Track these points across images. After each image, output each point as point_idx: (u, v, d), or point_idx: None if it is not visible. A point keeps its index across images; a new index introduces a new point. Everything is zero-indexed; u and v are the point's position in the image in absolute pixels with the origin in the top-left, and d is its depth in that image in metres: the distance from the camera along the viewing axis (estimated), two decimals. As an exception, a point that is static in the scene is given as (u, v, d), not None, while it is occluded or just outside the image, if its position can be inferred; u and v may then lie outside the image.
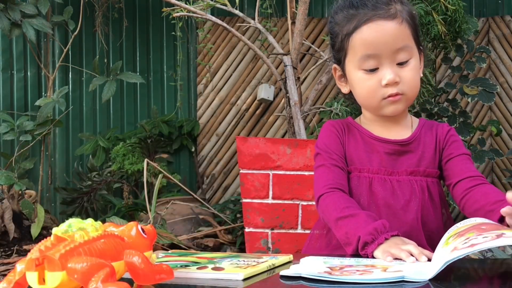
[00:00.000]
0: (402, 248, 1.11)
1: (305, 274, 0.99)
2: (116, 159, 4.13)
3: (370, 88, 1.32)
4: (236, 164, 4.45)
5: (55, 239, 0.86)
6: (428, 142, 1.40)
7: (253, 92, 4.54)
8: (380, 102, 1.33)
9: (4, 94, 4.47)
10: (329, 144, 1.39)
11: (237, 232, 3.44)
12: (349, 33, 1.31)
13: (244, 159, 1.89)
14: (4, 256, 3.47)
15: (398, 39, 1.29)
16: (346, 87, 1.41)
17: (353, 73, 1.34)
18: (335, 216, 1.27)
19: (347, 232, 1.23)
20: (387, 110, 1.34)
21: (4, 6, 3.78)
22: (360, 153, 1.38)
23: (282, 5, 4.14)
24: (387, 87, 1.30)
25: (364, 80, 1.32)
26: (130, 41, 4.57)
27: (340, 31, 1.34)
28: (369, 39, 1.28)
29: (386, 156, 1.37)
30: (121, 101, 4.57)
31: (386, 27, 1.28)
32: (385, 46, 1.28)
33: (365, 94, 1.34)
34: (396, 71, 1.29)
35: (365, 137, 1.39)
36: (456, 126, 3.29)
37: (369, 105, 1.36)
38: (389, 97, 1.31)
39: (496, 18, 4.51)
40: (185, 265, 1.08)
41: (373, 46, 1.28)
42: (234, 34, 2.73)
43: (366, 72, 1.31)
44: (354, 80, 1.35)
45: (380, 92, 1.31)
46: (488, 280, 0.96)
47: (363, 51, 1.29)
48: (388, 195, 1.34)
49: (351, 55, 1.32)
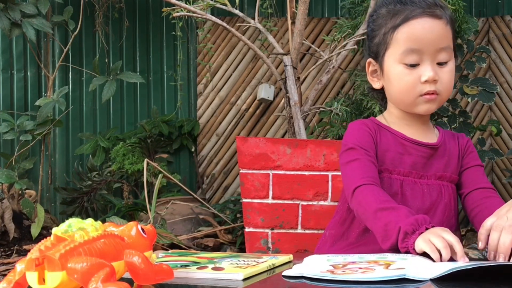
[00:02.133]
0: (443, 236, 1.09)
1: (307, 274, 0.99)
2: (116, 159, 4.13)
3: (408, 83, 1.31)
4: (236, 164, 4.45)
5: (55, 239, 0.86)
6: (452, 149, 1.42)
7: (253, 92, 4.54)
8: (416, 99, 1.33)
9: (4, 94, 4.47)
10: (363, 140, 1.36)
11: (237, 232, 3.44)
12: (395, 26, 1.32)
13: (244, 159, 1.89)
14: (4, 256, 3.47)
15: (442, 39, 1.31)
16: (379, 82, 1.40)
17: (393, 67, 1.33)
18: (376, 207, 1.23)
19: (387, 223, 1.19)
20: (421, 108, 1.34)
21: (4, 6, 3.78)
22: (392, 154, 1.36)
23: (282, 5, 4.14)
24: (426, 84, 1.30)
25: (403, 75, 1.31)
26: (130, 41, 4.57)
27: (385, 24, 1.34)
28: (416, 34, 1.30)
29: (418, 159, 1.37)
30: (121, 101, 4.57)
31: (433, 25, 1.31)
32: (429, 43, 1.30)
33: (402, 89, 1.33)
34: (436, 70, 1.31)
35: (398, 138, 1.38)
36: (456, 126, 3.29)
37: (404, 101, 1.35)
38: (425, 95, 1.31)
39: (496, 18, 4.51)
40: (185, 265, 1.08)
41: (418, 41, 1.30)
42: (234, 34, 2.73)
43: (406, 67, 1.31)
44: (393, 74, 1.34)
45: (418, 88, 1.31)
46: (488, 280, 0.96)
47: (408, 44, 1.30)
48: (417, 198, 1.34)
49: (393, 48, 1.32)
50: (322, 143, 1.99)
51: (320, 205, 1.91)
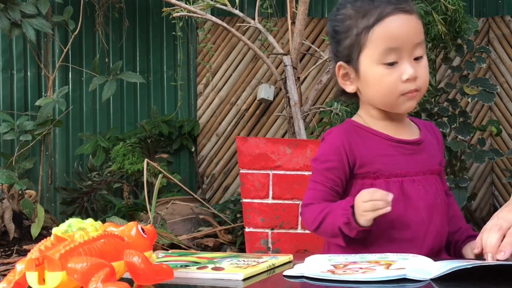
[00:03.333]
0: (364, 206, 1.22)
1: (308, 274, 0.99)
2: (116, 159, 4.13)
3: (390, 83, 1.27)
4: (236, 164, 4.45)
5: (55, 239, 0.86)
6: (431, 141, 1.40)
7: (253, 92, 4.54)
8: (398, 98, 1.29)
9: (4, 94, 4.47)
10: (328, 161, 1.33)
11: (237, 232, 3.44)
12: (368, 26, 1.27)
13: (244, 159, 1.89)
14: (4, 256, 3.47)
15: (418, 34, 1.29)
16: (352, 86, 1.35)
17: (371, 69, 1.29)
18: (313, 228, 1.32)
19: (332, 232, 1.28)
20: (404, 107, 1.31)
21: (4, 6, 3.78)
22: (383, 158, 1.32)
23: (282, 5, 4.14)
24: (407, 83, 1.27)
25: (384, 76, 1.27)
26: (130, 41, 4.57)
27: (355, 25, 1.29)
28: (393, 32, 1.26)
29: (409, 157, 1.34)
30: (121, 101, 4.57)
31: (408, 20, 1.28)
32: (407, 40, 1.26)
33: (384, 90, 1.29)
34: (414, 66, 1.28)
35: (384, 140, 1.34)
36: (456, 126, 3.29)
37: (386, 102, 1.31)
38: (407, 93, 1.28)
39: (496, 18, 4.51)
40: (185, 265, 1.08)
41: (396, 40, 1.26)
42: (234, 34, 2.73)
43: (386, 67, 1.27)
44: (372, 76, 1.29)
45: (400, 87, 1.28)
46: (488, 280, 0.96)
47: (386, 44, 1.26)
48: (421, 197, 1.32)
49: (369, 50, 1.28)
50: (322, 143, 1.99)
51: (320, 205, 1.90)
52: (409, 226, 1.29)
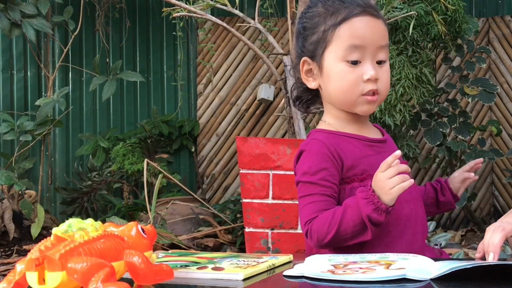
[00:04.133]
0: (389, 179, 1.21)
1: (308, 274, 0.99)
2: (116, 159, 4.13)
3: (351, 81, 1.29)
4: (236, 164, 4.45)
5: (55, 239, 0.86)
6: (390, 139, 1.43)
7: (253, 92, 4.54)
8: (357, 98, 1.30)
9: (4, 94, 4.47)
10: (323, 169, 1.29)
11: (237, 232, 3.44)
12: (336, 24, 1.30)
13: (244, 159, 1.89)
14: (4, 256, 3.47)
15: (383, 37, 1.31)
16: (314, 82, 1.36)
17: (334, 65, 1.30)
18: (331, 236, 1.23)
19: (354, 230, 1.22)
20: (362, 108, 1.32)
21: (4, 6, 3.78)
22: (367, 159, 1.33)
23: (282, 5, 4.14)
24: (368, 83, 1.29)
25: (346, 73, 1.29)
26: (130, 41, 4.58)
27: (323, 22, 1.32)
28: (359, 31, 1.29)
29: (383, 155, 1.33)
30: (121, 101, 4.57)
31: (375, 23, 1.31)
32: (371, 41, 1.29)
33: (344, 87, 1.30)
34: (376, 68, 1.30)
35: (361, 141, 1.34)
36: (456, 126, 3.29)
37: (345, 100, 1.32)
38: (367, 95, 1.29)
39: (496, 18, 4.51)
40: (185, 265, 1.08)
41: (361, 38, 1.28)
42: (234, 34, 2.73)
43: (349, 64, 1.29)
44: (334, 72, 1.31)
45: (360, 87, 1.29)
46: (488, 280, 0.96)
47: (351, 41, 1.28)
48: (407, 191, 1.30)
49: (334, 46, 1.30)
50: (322, 143, 1.98)
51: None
52: (401, 218, 1.31)
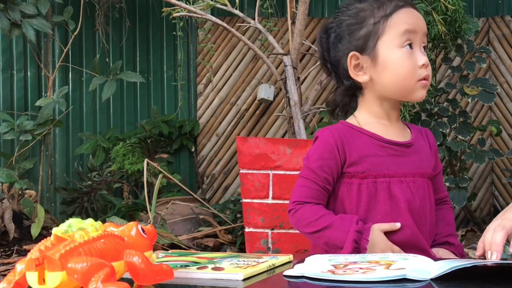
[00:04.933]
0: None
1: (308, 273, 0.99)
2: (116, 159, 4.13)
3: (409, 67, 1.33)
4: (236, 164, 4.45)
5: (55, 239, 0.86)
6: (423, 145, 1.42)
7: (253, 92, 4.54)
8: (416, 84, 1.34)
9: (4, 94, 4.47)
10: (322, 161, 1.36)
11: (237, 232, 3.44)
12: (386, 15, 1.34)
13: (244, 159, 1.89)
14: (4, 256, 3.47)
15: (425, 25, 1.38)
16: (365, 75, 1.37)
17: (392, 52, 1.34)
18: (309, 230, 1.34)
19: (327, 242, 1.31)
20: (419, 94, 1.35)
21: (4, 6, 3.78)
22: (373, 158, 1.35)
23: (282, 5, 4.14)
24: (422, 69, 1.33)
25: (404, 59, 1.33)
26: (130, 41, 4.58)
27: (371, 15, 1.36)
28: (410, 19, 1.35)
29: (399, 159, 1.37)
30: (121, 101, 4.57)
31: (417, 13, 1.38)
32: (420, 27, 1.35)
33: (405, 73, 1.33)
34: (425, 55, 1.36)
35: (375, 140, 1.36)
36: (456, 126, 3.29)
37: (404, 87, 1.34)
38: (423, 80, 1.34)
39: (496, 18, 4.51)
40: (185, 265, 1.08)
41: (413, 24, 1.34)
42: (234, 34, 2.73)
43: (406, 50, 1.33)
44: (392, 59, 1.33)
45: (417, 72, 1.33)
46: (488, 280, 0.96)
47: (405, 26, 1.33)
48: (408, 198, 1.34)
49: (388, 35, 1.34)
50: (322, 143, 1.98)
51: (320, 205, 1.90)
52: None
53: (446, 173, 3.53)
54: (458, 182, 3.29)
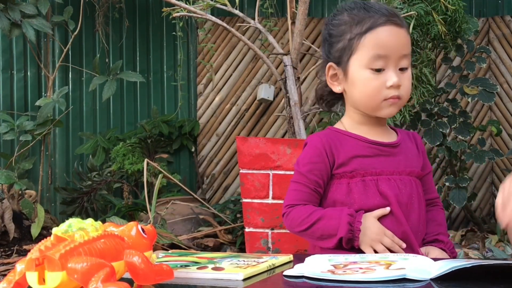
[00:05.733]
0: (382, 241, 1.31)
1: (308, 273, 0.99)
2: (116, 159, 4.13)
3: (374, 87, 1.36)
4: (236, 164, 4.45)
5: (55, 239, 0.86)
6: (410, 147, 1.47)
7: (253, 92, 4.54)
8: (381, 103, 1.37)
9: (4, 94, 4.47)
10: (311, 165, 1.41)
11: (237, 232, 3.44)
12: (361, 33, 1.36)
13: (244, 159, 1.89)
14: (4, 256, 3.47)
15: (405, 46, 1.38)
16: (339, 87, 1.43)
17: (359, 72, 1.37)
18: (300, 229, 1.39)
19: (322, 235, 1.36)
20: (385, 111, 1.39)
21: (4, 6, 3.78)
22: (360, 159, 1.40)
23: (282, 5, 4.14)
24: (390, 89, 1.36)
25: (370, 80, 1.36)
26: (130, 41, 4.57)
27: (349, 30, 1.38)
28: (383, 41, 1.35)
29: (384, 158, 1.42)
30: (121, 101, 4.57)
31: (398, 32, 1.37)
32: (394, 50, 1.35)
33: (369, 93, 1.37)
34: (399, 75, 1.37)
35: (361, 142, 1.42)
36: (456, 126, 3.29)
37: (369, 105, 1.39)
38: (390, 99, 1.37)
39: (496, 18, 4.51)
40: (185, 265, 1.08)
41: (384, 48, 1.35)
42: (234, 34, 2.73)
43: (373, 72, 1.35)
44: (358, 78, 1.37)
45: (384, 93, 1.36)
46: (488, 280, 0.96)
47: (375, 50, 1.35)
48: (395, 194, 1.38)
49: (360, 54, 1.36)
50: (322, 143, 1.98)
51: (320, 205, 1.90)
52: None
53: (446, 173, 3.53)
54: (458, 182, 3.29)
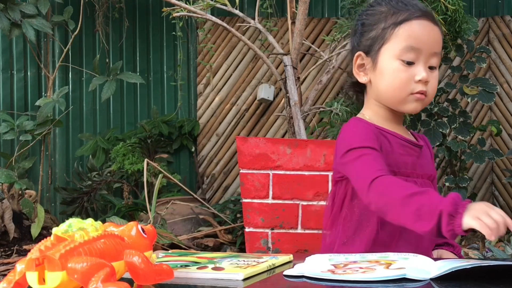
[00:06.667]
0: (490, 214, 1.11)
1: (308, 273, 0.99)
2: (116, 159, 4.13)
3: (402, 80, 1.33)
4: (236, 164, 4.45)
5: (55, 239, 0.86)
6: (425, 149, 1.45)
7: (253, 92, 4.54)
8: (407, 96, 1.34)
9: (4, 94, 4.47)
10: (371, 141, 1.32)
11: (237, 232, 3.44)
12: (397, 23, 1.34)
13: (244, 159, 1.89)
14: (4, 256, 3.47)
15: (437, 44, 1.35)
16: (366, 77, 1.40)
17: (389, 62, 1.34)
18: (403, 193, 1.17)
19: (419, 208, 1.14)
20: (410, 106, 1.36)
21: (4, 6, 3.78)
22: (395, 156, 1.35)
23: (282, 5, 4.14)
24: (418, 84, 1.33)
25: (399, 71, 1.33)
26: (130, 41, 4.58)
27: (384, 20, 1.36)
28: (417, 33, 1.33)
29: (414, 159, 1.39)
30: (121, 101, 4.57)
31: (432, 29, 1.35)
32: (427, 45, 1.33)
33: (396, 85, 1.34)
34: (427, 72, 1.34)
35: (397, 139, 1.38)
36: (456, 126, 3.29)
37: (395, 97, 1.35)
38: (416, 93, 1.33)
39: (496, 18, 4.51)
40: (185, 265, 1.08)
41: (418, 41, 1.33)
42: (234, 34, 2.73)
43: (403, 64, 1.33)
44: (388, 69, 1.35)
45: (411, 86, 1.33)
46: (488, 280, 0.96)
47: (409, 42, 1.32)
48: None
49: (392, 44, 1.34)
50: (322, 143, 1.99)
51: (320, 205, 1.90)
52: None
53: (446, 173, 3.53)
54: (458, 182, 3.29)
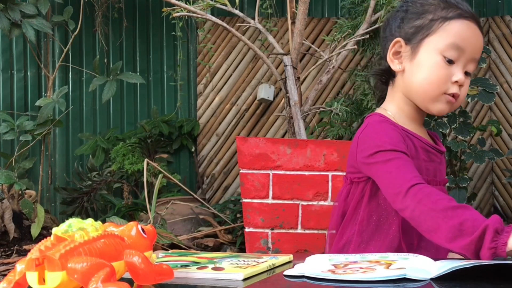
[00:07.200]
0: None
1: (309, 273, 0.99)
2: (116, 159, 4.13)
3: (440, 76, 1.30)
4: (236, 164, 4.45)
5: (55, 239, 0.86)
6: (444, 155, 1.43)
7: (253, 92, 4.54)
8: (440, 95, 1.31)
9: (4, 94, 4.47)
10: (400, 143, 1.28)
11: (237, 232, 3.44)
12: (447, 17, 1.31)
13: (244, 159, 1.89)
14: (4, 256, 3.47)
15: (479, 51, 1.33)
16: (400, 65, 1.36)
17: (430, 55, 1.31)
18: (445, 205, 1.14)
19: (463, 222, 1.10)
20: (439, 106, 1.32)
21: (4, 6, 3.78)
22: (419, 162, 1.32)
23: (282, 5, 4.14)
24: (454, 85, 1.30)
25: (439, 67, 1.30)
26: (130, 41, 4.58)
27: (434, 11, 1.32)
28: (465, 33, 1.30)
29: (436, 166, 1.36)
30: (121, 101, 4.57)
31: (479, 35, 1.33)
32: (471, 48, 1.31)
33: (433, 80, 1.30)
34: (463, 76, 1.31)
35: (422, 144, 1.35)
36: (456, 126, 3.28)
37: (427, 92, 1.31)
38: (449, 95, 1.30)
39: (496, 18, 4.51)
40: (185, 265, 1.08)
41: (464, 41, 1.30)
42: (234, 34, 2.73)
43: (444, 60, 1.29)
44: (427, 61, 1.31)
45: (446, 85, 1.30)
46: (488, 280, 0.96)
47: (456, 39, 1.29)
48: None
49: (438, 37, 1.30)
50: (322, 143, 1.99)
51: (320, 205, 1.91)
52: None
53: (446, 173, 3.53)
54: (458, 182, 3.29)
